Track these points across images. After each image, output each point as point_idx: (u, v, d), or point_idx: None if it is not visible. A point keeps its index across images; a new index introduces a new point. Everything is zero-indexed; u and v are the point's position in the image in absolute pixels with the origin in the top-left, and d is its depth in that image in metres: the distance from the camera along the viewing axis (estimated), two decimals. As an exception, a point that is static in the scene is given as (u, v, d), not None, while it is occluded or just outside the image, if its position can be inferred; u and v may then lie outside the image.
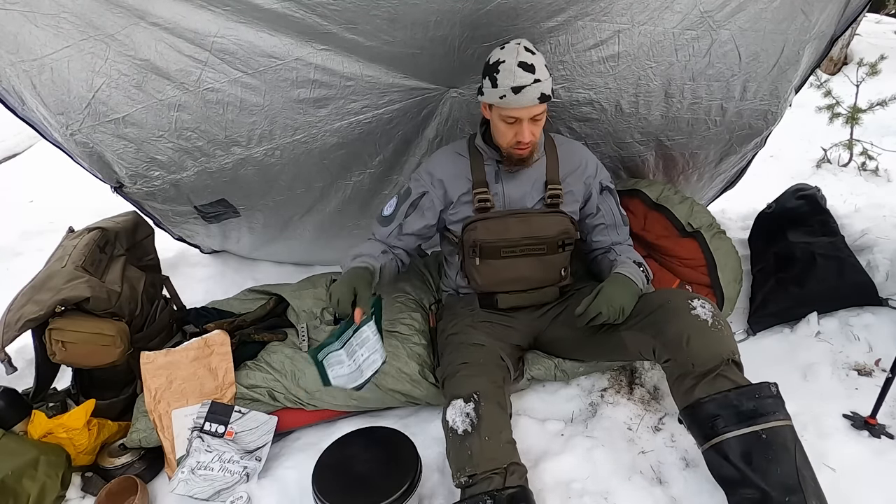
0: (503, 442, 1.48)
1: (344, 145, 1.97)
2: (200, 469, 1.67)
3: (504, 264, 1.77)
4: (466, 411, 1.49)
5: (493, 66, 1.56)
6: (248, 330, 2.10)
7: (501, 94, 1.55)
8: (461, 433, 1.47)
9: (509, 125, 1.61)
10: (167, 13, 1.54)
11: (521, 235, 1.75)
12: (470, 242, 1.76)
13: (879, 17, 7.35)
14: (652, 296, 1.68)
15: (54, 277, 1.80)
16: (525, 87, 1.52)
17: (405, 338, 1.96)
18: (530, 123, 1.60)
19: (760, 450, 1.35)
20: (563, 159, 1.80)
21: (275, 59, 1.65)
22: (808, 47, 1.88)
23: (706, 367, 1.46)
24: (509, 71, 1.53)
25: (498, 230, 1.74)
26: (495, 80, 1.55)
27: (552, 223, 1.77)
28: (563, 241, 1.77)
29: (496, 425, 1.49)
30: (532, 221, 1.76)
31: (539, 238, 1.76)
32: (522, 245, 1.75)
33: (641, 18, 1.69)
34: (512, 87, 1.53)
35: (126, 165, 1.91)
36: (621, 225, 1.89)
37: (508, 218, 1.75)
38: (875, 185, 3.71)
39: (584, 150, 1.89)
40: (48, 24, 1.54)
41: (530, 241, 1.75)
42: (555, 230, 1.76)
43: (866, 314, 2.11)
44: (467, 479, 1.43)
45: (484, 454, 1.43)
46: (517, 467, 1.46)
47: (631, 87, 1.90)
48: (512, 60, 1.53)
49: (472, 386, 1.55)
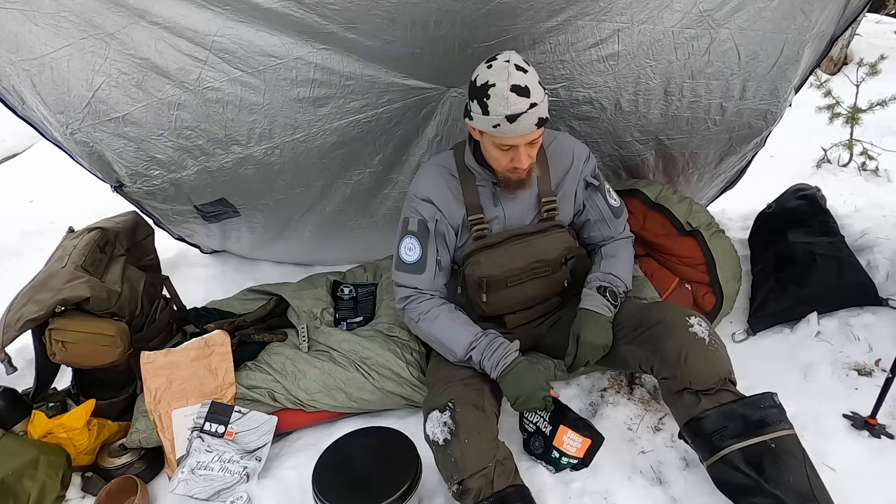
0: (484, 441, 1.47)
1: (344, 144, 1.97)
2: (200, 469, 1.67)
3: (510, 292, 1.73)
4: (444, 420, 1.49)
5: (481, 90, 1.41)
6: (249, 330, 2.10)
7: (495, 124, 1.41)
8: (442, 443, 1.47)
9: (504, 151, 1.49)
10: (167, 12, 1.54)
11: (526, 263, 1.68)
12: (475, 278, 1.68)
13: (879, 17, 7.34)
14: (650, 310, 1.67)
15: (54, 277, 1.80)
16: (521, 114, 1.39)
17: (405, 343, 1.97)
18: (528, 147, 1.48)
19: (771, 459, 1.35)
20: (554, 164, 1.72)
21: (275, 58, 1.65)
22: (808, 47, 1.88)
23: (704, 385, 1.46)
24: (502, 97, 1.38)
25: (503, 262, 1.67)
26: (486, 107, 1.40)
27: (555, 243, 1.70)
28: (565, 257, 1.74)
29: (474, 426, 1.48)
30: (535, 245, 1.69)
31: (544, 262, 1.70)
32: (528, 271, 1.70)
33: (641, 17, 1.69)
34: (506, 115, 1.39)
35: (126, 164, 1.91)
36: (612, 218, 1.80)
37: (511, 246, 1.67)
38: (875, 185, 3.71)
39: (571, 144, 1.77)
40: (48, 23, 1.54)
41: (536, 266, 1.70)
42: (558, 251, 1.71)
43: (866, 314, 2.11)
44: (457, 486, 1.43)
45: (466, 457, 1.43)
46: (502, 466, 1.45)
47: (630, 86, 1.90)
48: (503, 84, 1.38)
49: (447, 395, 1.54)
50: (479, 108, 1.44)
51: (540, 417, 1.61)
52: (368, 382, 1.87)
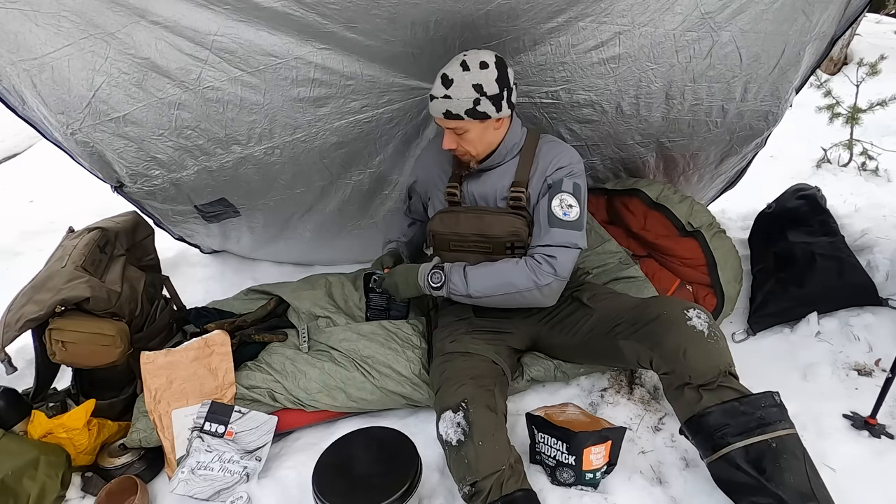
0: (498, 443, 1.48)
1: (344, 144, 1.97)
2: (200, 469, 1.67)
3: (452, 257, 1.78)
4: (457, 421, 1.49)
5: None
6: (249, 330, 2.10)
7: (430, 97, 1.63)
8: (455, 444, 1.47)
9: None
10: (167, 12, 1.54)
11: (469, 231, 1.75)
12: (428, 231, 1.83)
13: (879, 17, 7.35)
14: (648, 305, 1.67)
15: (54, 277, 1.80)
16: (434, 98, 1.60)
17: (405, 341, 1.97)
18: (451, 134, 1.64)
19: (772, 458, 1.35)
20: (540, 159, 1.74)
21: (275, 57, 1.65)
22: (809, 48, 1.88)
23: (704, 378, 1.46)
24: (436, 79, 1.60)
25: (450, 223, 1.78)
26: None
27: (502, 223, 1.72)
28: (511, 242, 1.72)
29: (488, 428, 1.48)
30: (483, 219, 1.75)
31: (486, 236, 1.74)
32: (471, 241, 1.76)
33: (642, 20, 1.69)
34: (430, 93, 1.62)
35: (126, 164, 1.91)
36: (546, 227, 1.65)
37: (462, 213, 1.78)
38: (875, 185, 3.72)
39: (565, 152, 1.74)
40: (48, 23, 1.54)
41: (478, 239, 1.75)
42: (503, 230, 1.72)
43: (866, 314, 2.11)
44: (469, 487, 1.43)
45: (481, 459, 1.43)
46: (512, 469, 1.45)
47: (632, 89, 1.90)
48: (444, 69, 1.59)
49: (460, 395, 1.54)
50: None
51: (557, 451, 1.58)
52: (368, 382, 1.87)
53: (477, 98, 1.56)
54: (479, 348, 1.73)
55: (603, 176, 2.39)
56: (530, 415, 1.65)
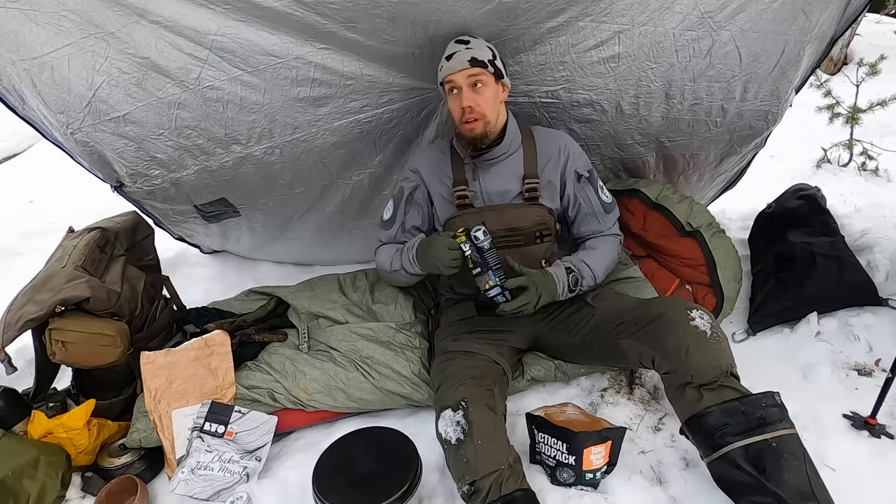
0: (497, 443, 1.48)
1: (344, 144, 1.97)
2: (200, 469, 1.67)
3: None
4: (456, 419, 1.49)
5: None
6: (249, 330, 2.10)
7: (440, 67, 1.66)
8: (455, 442, 1.47)
9: (455, 100, 1.67)
10: (167, 11, 1.54)
11: (497, 227, 1.76)
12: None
13: (879, 17, 7.36)
14: (651, 305, 1.67)
15: (54, 277, 1.80)
16: (455, 53, 1.62)
17: (406, 341, 1.96)
18: (470, 90, 1.64)
19: (772, 458, 1.35)
20: (541, 149, 1.82)
21: (275, 57, 1.65)
22: (809, 48, 1.88)
23: (706, 378, 1.46)
24: (448, 47, 1.65)
25: (475, 223, 1.73)
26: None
27: (528, 214, 1.79)
28: (540, 231, 1.80)
29: (488, 428, 1.48)
30: (507, 213, 1.78)
31: (515, 230, 1.78)
32: (500, 237, 1.76)
33: (642, 19, 1.69)
34: (446, 56, 1.64)
35: (126, 164, 1.91)
36: (602, 213, 1.87)
37: (485, 212, 1.79)
38: (875, 185, 3.71)
39: (563, 137, 1.88)
40: (49, 23, 1.55)
41: (507, 234, 1.78)
42: (531, 221, 1.79)
43: (866, 314, 2.11)
44: (468, 486, 1.43)
45: (480, 458, 1.43)
46: (511, 469, 1.45)
47: (631, 88, 1.90)
48: (453, 40, 1.66)
49: (459, 394, 1.54)
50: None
51: (557, 451, 1.59)
52: (368, 382, 1.87)
53: (494, 54, 1.66)
54: (480, 348, 1.73)
55: (603, 176, 2.38)
56: (530, 415, 1.65)
